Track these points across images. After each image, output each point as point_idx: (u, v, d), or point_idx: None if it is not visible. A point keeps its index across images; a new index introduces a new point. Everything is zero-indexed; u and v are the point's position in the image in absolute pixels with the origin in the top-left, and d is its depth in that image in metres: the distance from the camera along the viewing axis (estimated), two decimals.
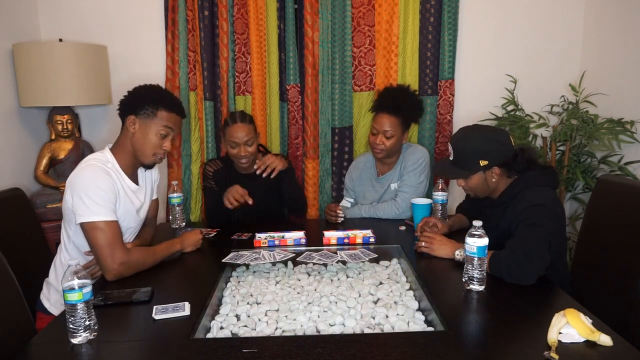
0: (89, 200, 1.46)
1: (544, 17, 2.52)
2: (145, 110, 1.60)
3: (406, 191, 2.12)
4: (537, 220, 1.46)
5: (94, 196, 1.47)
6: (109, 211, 1.49)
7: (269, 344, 1.11)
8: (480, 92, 2.57)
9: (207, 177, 2.17)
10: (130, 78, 2.56)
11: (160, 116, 1.61)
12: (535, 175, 1.58)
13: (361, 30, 2.47)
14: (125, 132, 1.63)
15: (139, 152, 1.63)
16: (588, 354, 1.03)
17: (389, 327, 1.25)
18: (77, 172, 1.52)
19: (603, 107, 2.33)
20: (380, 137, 2.10)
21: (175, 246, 1.68)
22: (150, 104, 1.60)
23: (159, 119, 1.61)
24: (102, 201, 1.48)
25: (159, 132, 1.62)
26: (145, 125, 1.61)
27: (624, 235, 1.52)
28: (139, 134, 1.61)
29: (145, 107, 1.60)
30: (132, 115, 1.60)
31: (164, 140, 1.63)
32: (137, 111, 1.60)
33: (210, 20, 2.42)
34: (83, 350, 1.10)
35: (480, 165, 1.57)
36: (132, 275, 1.51)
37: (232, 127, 2.05)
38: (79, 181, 1.49)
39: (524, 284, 1.37)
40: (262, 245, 1.80)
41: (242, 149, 2.04)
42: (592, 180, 2.27)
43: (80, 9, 2.51)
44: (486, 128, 1.67)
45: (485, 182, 1.61)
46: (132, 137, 1.62)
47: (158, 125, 1.61)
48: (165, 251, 1.63)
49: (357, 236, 1.84)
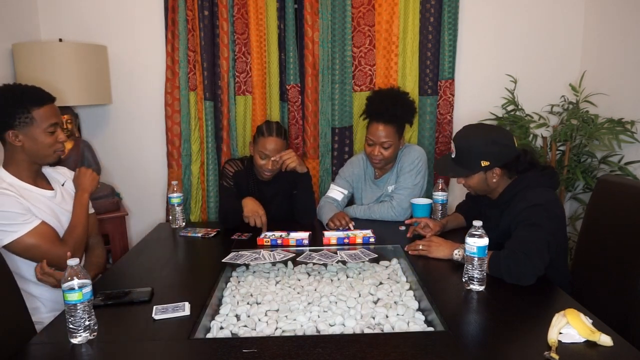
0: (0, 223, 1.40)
1: (544, 17, 2.52)
2: (19, 119, 1.47)
3: (402, 193, 2.08)
4: (536, 220, 1.46)
5: (3, 218, 1.40)
6: (22, 221, 1.43)
7: (269, 344, 1.11)
8: (480, 92, 2.57)
9: (226, 176, 2.15)
10: (130, 78, 2.57)
11: (38, 117, 1.49)
12: (535, 175, 1.58)
13: (361, 30, 2.47)
14: (10, 146, 1.51)
15: (38, 157, 1.54)
16: (588, 354, 1.04)
17: (389, 327, 1.25)
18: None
19: (603, 107, 2.33)
20: (378, 148, 2.05)
21: (82, 197, 1.62)
22: (19, 110, 1.47)
23: (38, 120, 1.49)
24: (12, 216, 1.41)
25: (47, 132, 1.51)
26: (30, 133, 1.49)
27: (624, 235, 1.52)
28: (28, 144, 1.50)
29: (17, 116, 1.47)
30: (10, 130, 1.47)
31: (56, 134, 1.54)
32: (12, 123, 1.47)
33: (210, 20, 2.42)
34: (83, 350, 1.10)
35: (481, 165, 1.56)
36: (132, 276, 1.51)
37: (266, 139, 2.02)
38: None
39: (524, 284, 1.38)
40: (264, 243, 1.80)
41: (270, 162, 2.03)
42: (592, 180, 2.26)
43: (80, 9, 2.51)
44: (490, 128, 1.65)
45: (485, 182, 1.61)
46: (22, 148, 1.50)
47: (42, 127, 1.50)
48: (81, 209, 1.59)
49: (357, 236, 1.84)
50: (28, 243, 1.43)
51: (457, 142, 1.62)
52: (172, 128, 2.53)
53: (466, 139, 1.61)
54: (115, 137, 2.64)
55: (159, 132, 2.61)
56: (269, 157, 2.03)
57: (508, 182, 1.61)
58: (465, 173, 1.61)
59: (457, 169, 1.62)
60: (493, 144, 1.56)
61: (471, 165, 1.58)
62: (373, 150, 2.07)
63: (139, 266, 1.64)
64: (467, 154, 1.59)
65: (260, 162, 2.06)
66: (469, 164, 1.59)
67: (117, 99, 2.57)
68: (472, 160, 1.58)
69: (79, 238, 1.53)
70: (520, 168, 1.59)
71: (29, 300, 1.42)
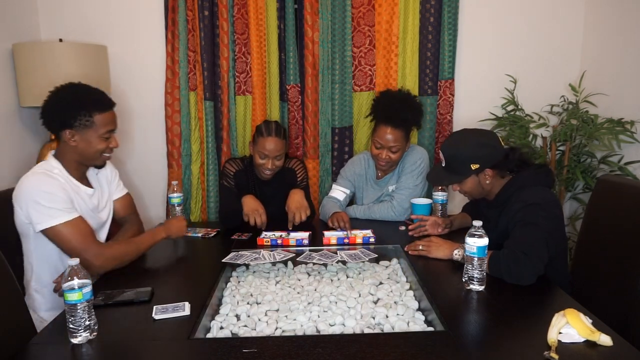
0: (41, 206, 1.42)
1: (544, 17, 2.52)
2: (79, 120, 1.51)
3: (402, 193, 2.09)
4: (532, 219, 1.46)
5: (45, 201, 1.42)
6: (66, 211, 1.45)
7: (269, 344, 1.11)
8: (480, 92, 2.57)
9: (227, 175, 2.16)
10: (130, 78, 2.57)
11: (98, 121, 1.53)
12: (529, 174, 1.58)
13: (361, 30, 2.47)
14: (64, 144, 1.55)
15: (87, 159, 1.58)
16: (588, 354, 1.04)
17: (389, 327, 1.25)
18: (20, 183, 1.48)
19: (603, 107, 2.33)
20: (386, 152, 2.05)
21: (159, 234, 1.65)
22: (82, 112, 1.50)
23: (97, 125, 1.53)
24: (54, 204, 1.43)
25: (102, 137, 1.56)
26: (86, 136, 1.53)
27: (624, 235, 1.52)
28: (82, 145, 1.54)
29: (79, 117, 1.50)
30: (67, 129, 1.51)
31: (110, 140, 1.59)
32: (72, 123, 1.50)
33: (210, 20, 2.42)
34: (83, 350, 1.10)
35: (472, 169, 1.58)
36: (132, 276, 1.51)
37: (266, 139, 2.03)
38: (24, 191, 1.45)
39: (524, 284, 1.38)
40: (264, 244, 1.80)
41: (270, 162, 2.05)
42: (592, 180, 2.26)
43: (80, 9, 2.51)
44: (474, 132, 1.68)
45: (479, 185, 1.62)
46: (75, 148, 1.54)
47: (100, 132, 1.54)
48: (149, 241, 1.61)
49: (357, 236, 1.84)
50: (64, 233, 1.44)
51: (445, 151, 1.64)
52: (172, 128, 2.53)
53: (453, 146, 1.63)
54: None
55: (159, 132, 2.60)
56: (268, 156, 2.04)
57: (503, 182, 1.62)
58: (458, 179, 1.63)
59: (450, 177, 1.64)
60: (479, 147, 1.58)
61: (462, 170, 1.60)
62: (380, 154, 2.06)
63: (139, 266, 1.64)
64: (456, 161, 1.61)
65: (260, 161, 2.06)
66: (459, 170, 1.60)
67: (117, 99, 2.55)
68: (462, 165, 1.59)
69: (119, 256, 1.51)
70: (511, 166, 1.60)
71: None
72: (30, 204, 1.43)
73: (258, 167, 2.09)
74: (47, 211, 1.43)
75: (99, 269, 1.45)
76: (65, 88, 1.57)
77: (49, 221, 1.43)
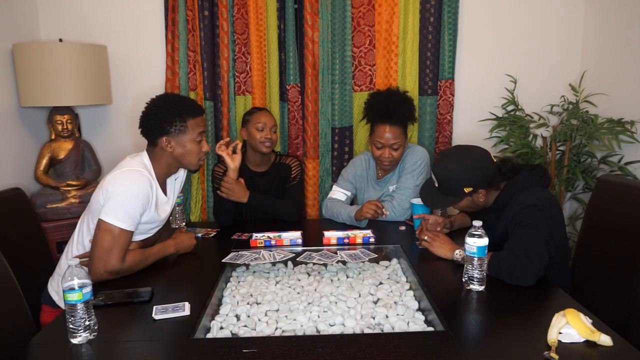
0: (121, 204, 1.49)
1: (544, 17, 2.52)
2: (174, 127, 1.61)
3: (403, 193, 2.08)
4: (531, 220, 1.46)
5: (127, 203, 1.49)
6: (131, 222, 1.51)
7: (269, 344, 1.11)
8: (480, 92, 2.57)
9: (217, 178, 2.18)
10: (130, 78, 2.57)
11: (191, 126, 1.63)
12: (524, 176, 1.58)
13: (361, 30, 2.47)
14: (160, 150, 1.63)
15: (184, 163, 1.67)
16: (588, 354, 1.04)
17: (389, 327, 1.25)
18: (124, 173, 1.55)
19: (603, 107, 2.33)
20: (388, 150, 2.04)
21: (169, 249, 1.68)
22: (176, 119, 1.61)
23: (190, 129, 1.63)
24: (131, 210, 1.50)
25: (195, 140, 1.65)
26: (181, 140, 1.63)
27: (624, 235, 1.52)
28: (178, 150, 1.63)
29: (174, 124, 1.61)
30: (164, 137, 1.61)
31: (202, 143, 1.68)
32: (168, 130, 1.61)
33: (210, 20, 2.42)
34: (83, 350, 1.10)
35: (465, 192, 1.58)
36: (132, 275, 1.51)
37: (259, 113, 2.16)
38: (119, 182, 1.52)
39: (524, 284, 1.37)
40: (258, 245, 1.80)
41: (269, 132, 2.12)
42: (592, 180, 2.26)
43: (80, 9, 2.51)
44: (464, 154, 1.62)
45: (473, 203, 1.64)
46: (171, 154, 1.63)
47: (192, 135, 1.64)
48: (158, 254, 1.63)
49: (357, 236, 1.84)
50: (109, 233, 1.47)
51: (437, 174, 1.63)
52: None
53: (444, 170, 1.61)
54: (115, 137, 2.64)
55: None
56: (266, 125, 2.12)
57: (498, 191, 1.62)
58: (452, 201, 1.64)
59: (444, 199, 1.64)
60: (470, 171, 1.56)
61: (455, 193, 1.60)
62: (383, 153, 2.05)
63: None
64: (448, 185, 1.60)
65: (258, 134, 2.10)
66: (452, 192, 1.60)
67: (117, 99, 2.57)
68: (454, 188, 1.59)
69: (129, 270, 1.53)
70: (505, 177, 1.61)
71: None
72: (113, 195, 1.49)
73: (257, 142, 2.12)
74: (118, 209, 1.49)
75: (99, 280, 1.47)
76: (159, 99, 1.68)
77: (112, 217, 1.48)
